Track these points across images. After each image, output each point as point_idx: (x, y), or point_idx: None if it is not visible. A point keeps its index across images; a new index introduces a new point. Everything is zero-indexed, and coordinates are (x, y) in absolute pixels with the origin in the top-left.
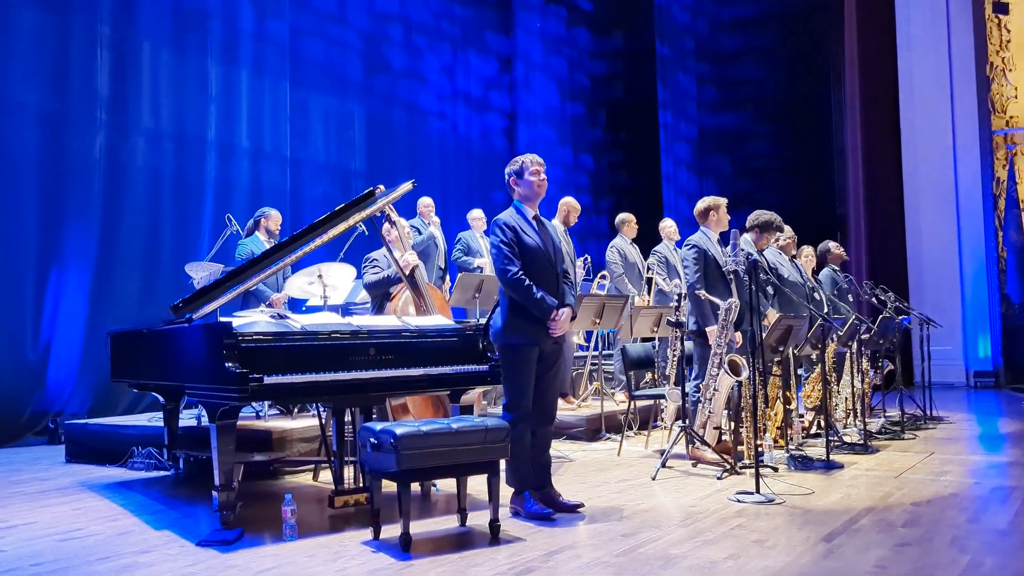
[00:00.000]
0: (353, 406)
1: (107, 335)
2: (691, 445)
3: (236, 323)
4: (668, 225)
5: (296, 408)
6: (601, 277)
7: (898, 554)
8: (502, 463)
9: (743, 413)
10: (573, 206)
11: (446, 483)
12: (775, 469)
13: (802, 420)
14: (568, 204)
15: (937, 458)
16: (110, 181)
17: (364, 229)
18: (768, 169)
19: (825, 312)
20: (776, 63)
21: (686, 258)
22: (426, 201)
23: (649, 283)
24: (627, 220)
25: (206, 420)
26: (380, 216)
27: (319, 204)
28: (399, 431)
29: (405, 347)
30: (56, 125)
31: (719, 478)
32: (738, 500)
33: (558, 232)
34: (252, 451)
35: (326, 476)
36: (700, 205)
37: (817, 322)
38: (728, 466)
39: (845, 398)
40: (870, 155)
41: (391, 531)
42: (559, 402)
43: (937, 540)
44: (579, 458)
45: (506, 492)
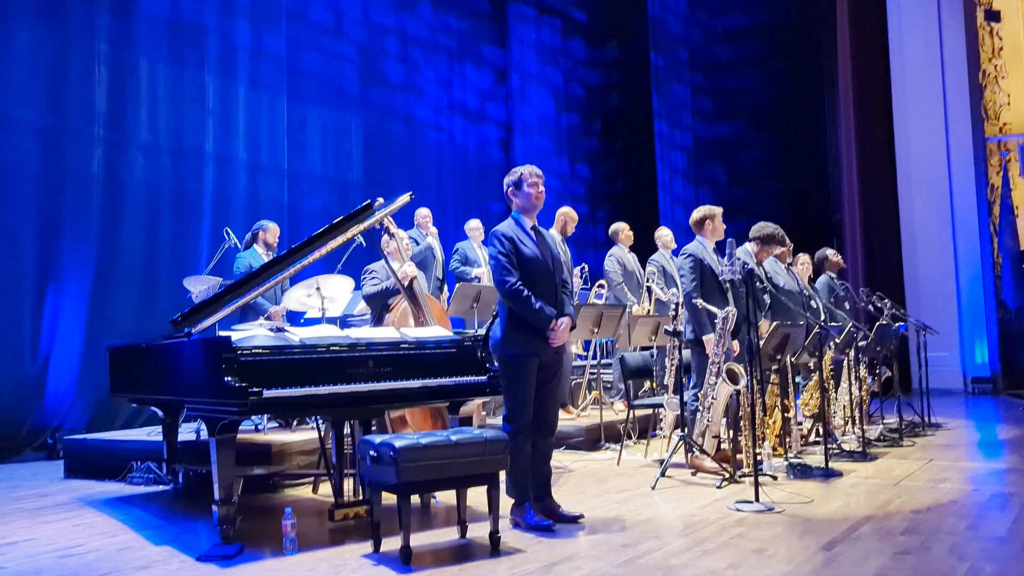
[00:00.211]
0: (352, 419)
1: (106, 349)
2: (690, 454)
3: (235, 337)
4: (664, 234)
5: (295, 421)
6: (599, 286)
7: (898, 562)
8: (502, 475)
9: (742, 422)
10: (570, 216)
11: (446, 495)
12: (774, 478)
13: (800, 428)
14: (565, 214)
15: (936, 465)
16: (108, 196)
17: (362, 241)
18: (763, 178)
19: (822, 320)
20: (770, 72)
21: (682, 267)
22: (423, 212)
23: (648, 292)
24: (621, 229)
25: (205, 434)
26: (379, 228)
27: (317, 217)
28: (398, 444)
29: (403, 359)
30: (54, 141)
31: (718, 487)
32: (738, 509)
33: (556, 242)
34: (252, 465)
35: (326, 489)
36: (696, 214)
37: (814, 330)
38: (727, 475)
39: (843, 406)
40: (865, 163)
41: (391, 544)
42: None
43: (936, 548)
44: (579, 468)
45: (506, 504)
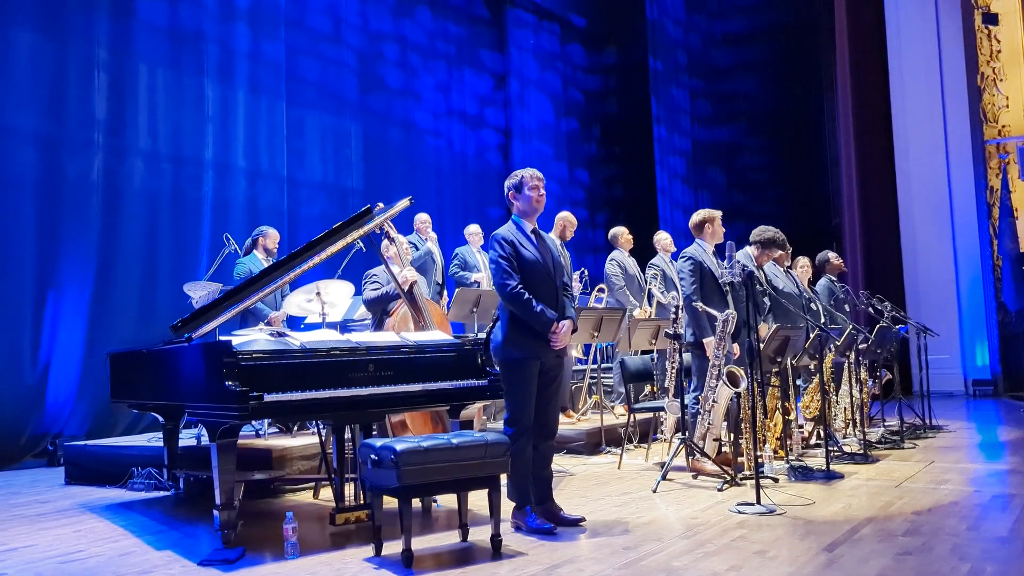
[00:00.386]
0: (353, 423)
1: (106, 356)
2: (691, 457)
3: (235, 342)
4: (663, 238)
5: (296, 426)
6: (599, 290)
7: (899, 563)
8: (503, 478)
9: (742, 424)
10: (569, 220)
11: (447, 498)
12: (775, 480)
13: (801, 430)
14: (564, 219)
15: (937, 467)
16: (108, 203)
17: (362, 246)
18: (762, 181)
19: (822, 322)
20: (768, 76)
21: (682, 270)
22: (423, 217)
23: (649, 295)
24: (621, 233)
25: (206, 439)
26: (379, 233)
27: (316, 222)
28: (399, 447)
29: (404, 363)
30: (53, 148)
31: (720, 489)
32: (739, 511)
33: (556, 245)
34: (252, 470)
35: (327, 493)
36: (695, 218)
37: (814, 332)
38: (728, 477)
39: (844, 408)
40: (864, 165)
41: (393, 547)
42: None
43: (938, 549)
44: (580, 472)
45: (507, 507)
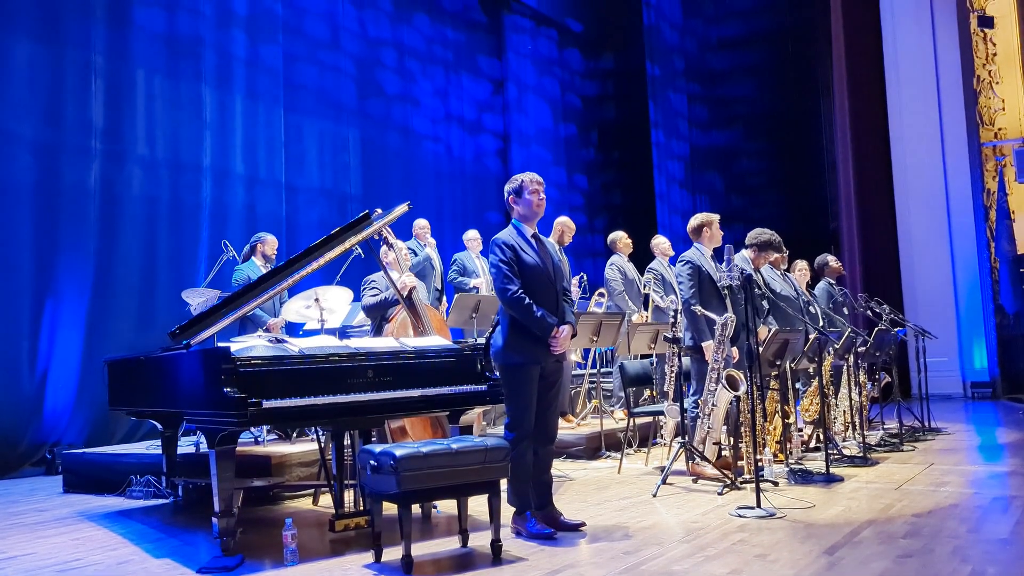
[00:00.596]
0: (352, 429)
1: (104, 363)
2: (691, 461)
3: (234, 348)
4: (661, 242)
5: (295, 432)
6: (599, 294)
7: (900, 566)
8: (503, 483)
9: (742, 428)
10: (568, 225)
11: (447, 504)
12: (775, 483)
13: (801, 434)
14: (562, 224)
15: (937, 469)
16: (105, 209)
17: (360, 252)
18: (760, 185)
19: (821, 326)
20: (765, 81)
21: (680, 274)
22: (422, 223)
23: (647, 300)
24: (619, 238)
25: (204, 446)
26: (377, 239)
27: (315, 229)
28: (399, 453)
29: (403, 368)
30: (51, 155)
31: (720, 493)
32: (739, 515)
33: (555, 250)
34: (251, 476)
35: (326, 500)
36: (693, 222)
37: (813, 336)
38: (728, 481)
39: (843, 411)
40: (861, 169)
41: (393, 554)
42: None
43: (939, 551)
44: (579, 477)
45: (507, 512)
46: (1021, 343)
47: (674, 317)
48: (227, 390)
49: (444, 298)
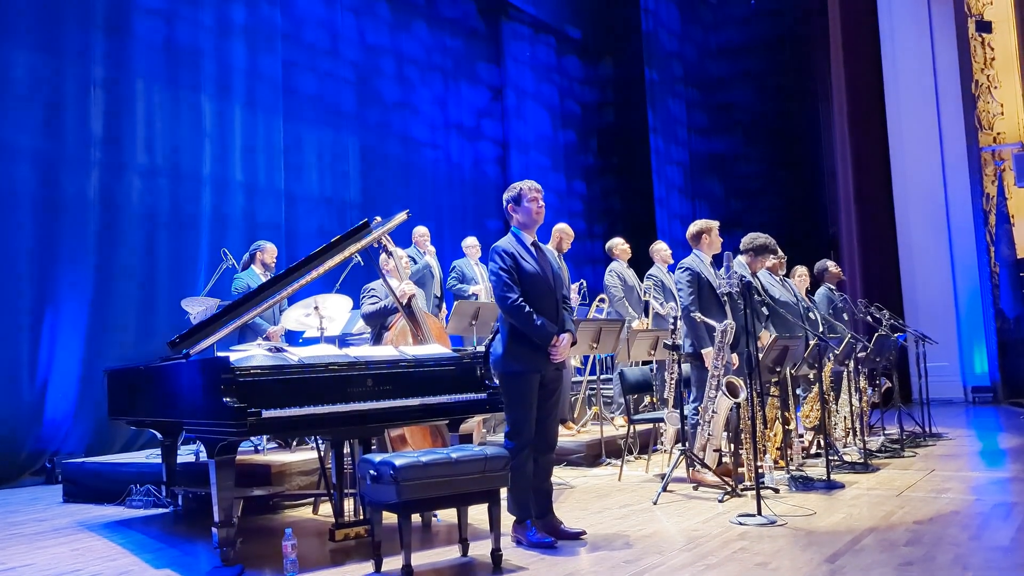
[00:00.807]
0: (352, 438)
1: (104, 373)
2: (691, 468)
3: (233, 357)
4: (661, 248)
5: (295, 441)
6: (600, 300)
7: (902, 573)
8: (503, 492)
9: (742, 435)
10: (566, 232)
11: (447, 513)
12: (776, 490)
13: (802, 440)
14: (561, 230)
15: (938, 475)
16: (105, 219)
17: (360, 260)
18: (759, 191)
19: (821, 332)
20: (764, 87)
21: (680, 281)
22: (421, 230)
23: (646, 306)
24: (616, 244)
25: (204, 456)
26: (377, 247)
27: (314, 237)
28: (398, 462)
29: (403, 377)
30: (50, 165)
31: (720, 501)
32: (740, 523)
33: (555, 257)
34: (251, 486)
35: (326, 509)
36: (692, 228)
37: (813, 342)
38: (729, 488)
39: (844, 417)
40: (860, 174)
41: (393, 563)
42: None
43: (940, 558)
44: (580, 484)
45: (507, 521)
46: (1022, 347)
47: (674, 324)
48: (226, 400)
49: (444, 305)
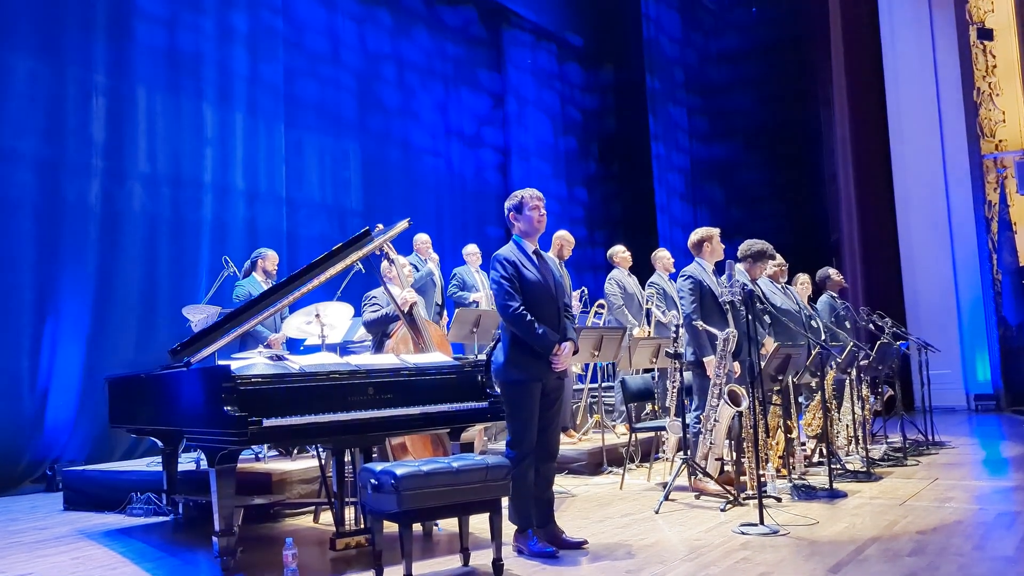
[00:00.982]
0: (353, 446)
1: (105, 381)
2: (693, 477)
3: (234, 366)
4: (663, 256)
5: (296, 450)
6: (599, 306)
7: None
8: (504, 501)
9: (745, 443)
10: (567, 239)
11: (448, 523)
12: (779, 499)
13: (804, 448)
14: (562, 238)
15: (941, 484)
16: (106, 226)
17: (361, 268)
18: (761, 198)
19: (823, 339)
20: (765, 93)
21: (682, 289)
22: (423, 238)
23: (648, 314)
24: (617, 251)
25: (205, 464)
26: (378, 254)
27: (316, 244)
28: (399, 471)
29: (404, 385)
30: (51, 172)
31: (723, 510)
32: (742, 532)
33: (556, 265)
34: (252, 494)
35: (327, 518)
36: (694, 236)
37: (815, 350)
38: (731, 497)
39: (846, 425)
40: (862, 181)
41: (394, 573)
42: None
43: (944, 568)
44: (581, 493)
45: (509, 530)
46: None
47: (675, 332)
48: (227, 409)
49: (445, 313)
